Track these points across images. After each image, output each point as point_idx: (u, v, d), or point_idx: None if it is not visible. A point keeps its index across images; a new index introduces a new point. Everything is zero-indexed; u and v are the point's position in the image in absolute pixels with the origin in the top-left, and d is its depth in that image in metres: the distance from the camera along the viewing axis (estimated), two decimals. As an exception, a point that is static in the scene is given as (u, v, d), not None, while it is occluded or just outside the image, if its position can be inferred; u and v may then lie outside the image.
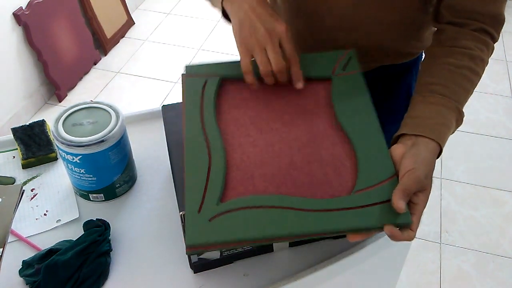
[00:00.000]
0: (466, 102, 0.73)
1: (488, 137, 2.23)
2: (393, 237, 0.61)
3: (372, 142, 0.66)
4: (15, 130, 0.87)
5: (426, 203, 0.64)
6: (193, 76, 0.76)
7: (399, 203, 0.59)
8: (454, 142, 2.19)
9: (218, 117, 0.73)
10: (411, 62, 0.95)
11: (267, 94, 0.77)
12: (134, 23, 2.94)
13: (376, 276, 0.83)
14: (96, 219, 0.74)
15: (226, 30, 2.90)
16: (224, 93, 0.77)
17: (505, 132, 2.26)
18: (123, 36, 2.84)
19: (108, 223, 0.73)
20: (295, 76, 0.73)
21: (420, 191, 0.63)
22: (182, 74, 0.77)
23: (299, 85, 0.74)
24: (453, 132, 0.72)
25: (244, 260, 0.70)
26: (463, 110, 0.72)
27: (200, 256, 0.67)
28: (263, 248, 0.70)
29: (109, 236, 0.73)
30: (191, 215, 0.59)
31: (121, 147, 0.75)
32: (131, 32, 2.89)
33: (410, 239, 0.61)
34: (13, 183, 0.82)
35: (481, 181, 2.02)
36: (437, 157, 0.68)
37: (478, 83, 0.75)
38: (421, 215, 0.62)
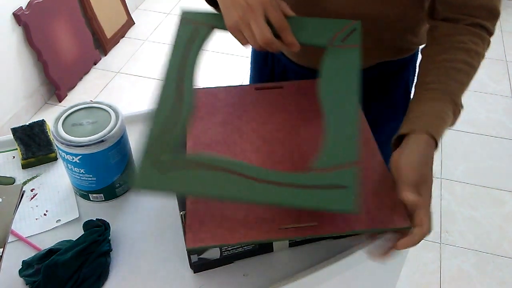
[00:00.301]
0: (462, 93, 0.73)
1: (488, 137, 2.23)
2: (409, 244, 0.61)
3: (344, 124, 0.64)
4: (15, 130, 0.87)
5: (431, 195, 0.64)
6: (187, 22, 0.74)
7: (407, 195, 0.61)
8: (454, 142, 2.19)
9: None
10: (408, 58, 0.95)
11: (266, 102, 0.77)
12: (134, 23, 2.94)
13: (376, 276, 0.83)
14: (96, 219, 0.74)
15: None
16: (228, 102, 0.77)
17: (505, 132, 2.26)
18: (123, 36, 2.84)
19: (108, 223, 0.73)
20: (287, 41, 0.70)
21: (420, 183, 0.63)
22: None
23: (295, 48, 0.71)
24: (452, 124, 0.72)
25: (244, 260, 0.70)
26: (462, 103, 0.72)
27: (200, 256, 0.67)
28: (263, 248, 0.70)
29: (109, 236, 0.73)
30: (146, 159, 0.59)
31: (121, 147, 0.75)
32: (131, 32, 2.89)
33: (424, 235, 0.61)
34: (13, 183, 0.82)
35: (481, 181, 2.02)
36: (435, 149, 0.68)
37: (477, 80, 0.76)
38: (429, 207, 0.62)
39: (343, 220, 0.61)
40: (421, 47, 0.85)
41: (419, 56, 0.80)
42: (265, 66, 1.05)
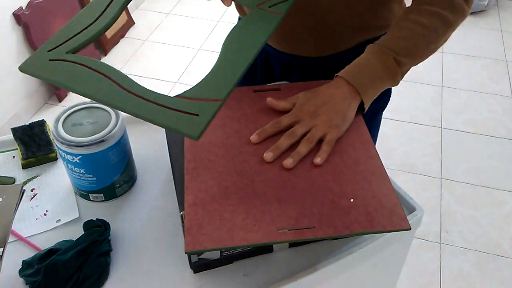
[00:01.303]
0: (400, 43, 0.77)
1: (488, 137, 2.23)
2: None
3: (232, 68, 0.64)
4: (15, 130, 0.87)
5: (321, 127, 0.72)
6: None
7: (270, 101, 0.77)
8: (454, 142, 2.19)
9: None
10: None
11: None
12: (134, 23, 2.94)
13: (376, 276, 0.83)
14: (96, 219, 0.74)
15: (226, 30, 2.90)
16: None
17: (505, 132, 2.26)
18: (123, 36, 2.84)
19: (108, 223, 0.73)
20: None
21: (308, 112, 0.73)
22: None
23: (226, 2, 0.73)
24: (393, 68, 0.77)
25: (244, 260, 0.70)
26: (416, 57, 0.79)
27: (200, 256, 0.67)
28: (263, 248, 0.70)
29: (109, 236, 0.73)
30: (41, 49, 0.64)
31: (121, 147, 0.75)
32: (131, 32, 2.89)
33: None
34: (13, 183, 0.82)
35: (481, 181, 2.02)
36: (355, 93, 0.75)
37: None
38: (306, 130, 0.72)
39: (341, 223, 0.61)
40: None
41: None
42: None
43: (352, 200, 0.64)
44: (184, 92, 0.61)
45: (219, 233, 0.60)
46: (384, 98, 1.03)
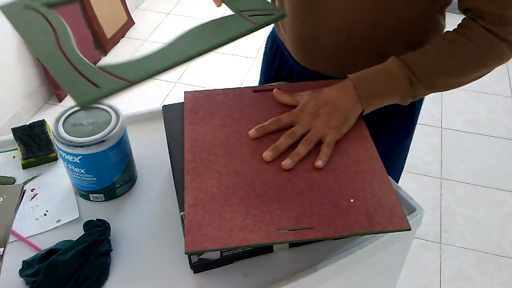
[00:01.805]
0: (422, 65, 0.76)
1: (488, 137, 2.23)
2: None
3: (165, 58, 0.63)
4: (15, 130, 0.87)
5: (319, 127, 0.72)
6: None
7: (275, 92, 0.80)
8: (454, 142, 2.19)
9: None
10: None
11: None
12: (134, 23, 2.94)
13: (376, 276, 0.83)
14: (96, 219, 0.74)
15: (226, 30, 2.90)
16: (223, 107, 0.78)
17: (505, 132, 2.26)
18: (123, 36, 2.84)
19: (108, 223, 0.74)
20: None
21: (311, 111, 0.74)
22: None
23: (216, 2, 0.75)
24: (408, 90, 0.76)
25: (244, 260, 0.70)
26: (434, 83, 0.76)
27: (200, 257, 0.67)
28: (263, 249, 0.70)
29: (109, 236, 0.73)
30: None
31: (121, 147, 0.75)
32: (131, 32, 2.89)
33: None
34: (13, 183, 0.82)
35: (481, 181, 2.02)
36: (358, 98, 0.75)
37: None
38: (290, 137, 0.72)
39: (342, 223, 0.62)
40: None
41: None
42: (272, 66, 1.05)
43: (352, 200, 0.64)
44: (108, 65, 0.61)
45: (219, 234, 0.60)
46: (406, 130, 0.99)
